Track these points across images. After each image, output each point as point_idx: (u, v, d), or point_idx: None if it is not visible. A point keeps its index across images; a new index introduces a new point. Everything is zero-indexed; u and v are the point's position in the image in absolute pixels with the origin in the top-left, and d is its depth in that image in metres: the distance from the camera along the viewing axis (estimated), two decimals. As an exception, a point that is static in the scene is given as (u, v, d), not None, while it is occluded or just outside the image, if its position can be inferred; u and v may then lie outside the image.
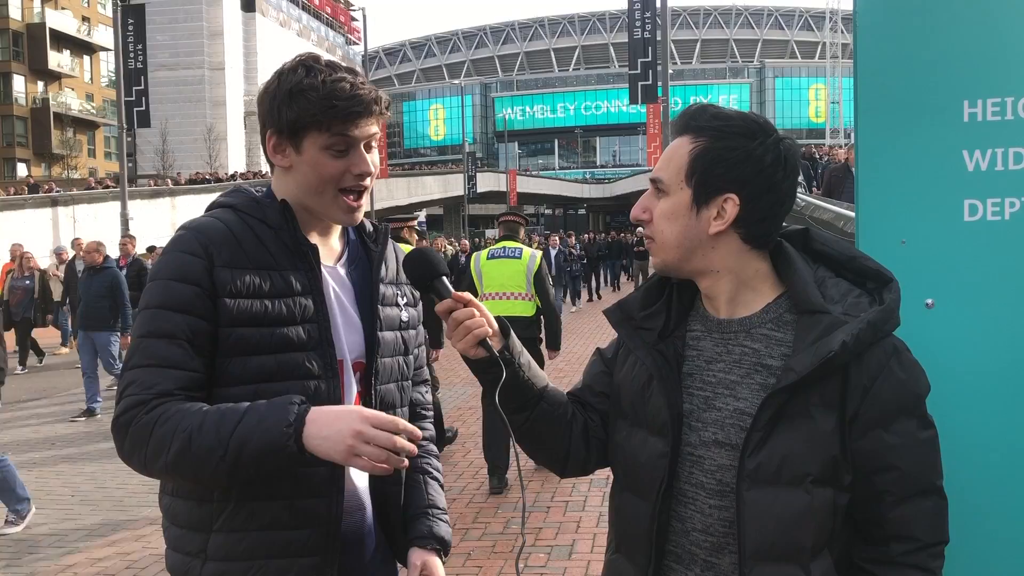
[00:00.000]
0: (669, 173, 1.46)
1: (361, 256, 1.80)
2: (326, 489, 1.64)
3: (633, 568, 1.51)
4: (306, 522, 1.62)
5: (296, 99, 1.61)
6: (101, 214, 25.14)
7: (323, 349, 1.65)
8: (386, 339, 1.77)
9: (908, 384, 1.40)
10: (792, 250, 1.48)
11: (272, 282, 1.62)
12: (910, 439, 1.38)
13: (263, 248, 1.64)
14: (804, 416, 1.36)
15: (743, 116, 1.46)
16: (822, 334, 1.36)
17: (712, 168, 1.42)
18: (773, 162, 1.42)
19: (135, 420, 1.53)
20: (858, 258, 1.49)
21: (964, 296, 1.68)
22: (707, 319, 1.51)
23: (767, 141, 1.43)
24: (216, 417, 1.50)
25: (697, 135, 1.45)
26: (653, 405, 1.49)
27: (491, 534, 5.40)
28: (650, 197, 1.49)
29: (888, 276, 1.46)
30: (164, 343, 1.56)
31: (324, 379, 1.64)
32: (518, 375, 1.53)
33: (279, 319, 1.61)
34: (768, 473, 1.36)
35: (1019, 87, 1.65)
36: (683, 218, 1.44)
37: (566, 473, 1.65)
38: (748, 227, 1.43)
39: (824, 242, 1.51)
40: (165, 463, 1.51)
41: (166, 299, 1.58)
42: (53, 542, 5.46)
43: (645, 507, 1.48)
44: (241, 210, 1.68)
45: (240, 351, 1.59)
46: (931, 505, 1.40)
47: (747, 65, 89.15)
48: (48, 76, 52.38)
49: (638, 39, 24.57)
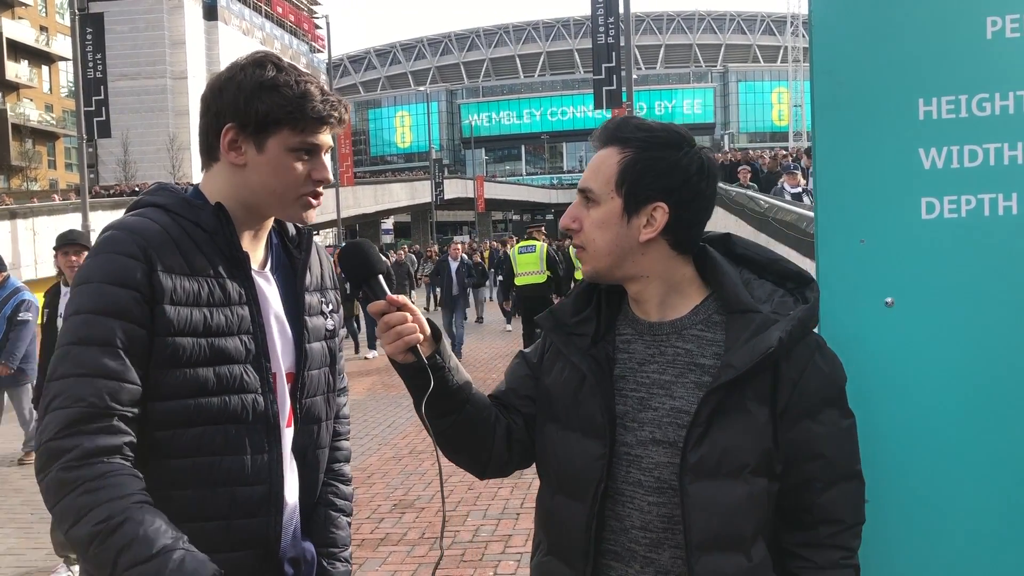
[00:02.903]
0: (599, 183, 1.50)
1: (284, 261, 1.73)
2: (263, 509, 1.58)
3: (569, 570, 1.53)
4: (242, 543, 1.56)
5: (269, 93, 1.54)
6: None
7: (259, 362, 1.58)
8: (314, 351, 1.71)
9: (831, 376, 1.49)
10: (717, 254, 1.55)
11: (210, 290, 1.54)
12: (834, 428, 1.48)
13: (199, 253, 1.55)
14: (741, 410, 1.43)
15: (666, 127, 1.52)
16: (756, 331, 1.44)
17: (641, 178, 1.47)
18: (698, 171, 1.48)
19: (66, 460, 1.39)
20: (778, 260, 1.57)
21: (923, 294, 1.68)
22: (637, 322, 1.56)
23: (691, 152, 1.49)
24: (127, 536, 1.35)
25: (624, 146, 1.49)
26: (586, 408, 1.52)
27: (460, 543, 5.37)
28: (579, 207, 1.53)
29: (808, 277, 1.54)
30: (97, 351, 1.44)
31: (261, 393, 1.58)
32: (446, 381, 1.54)
33: (217, 329, 1.54)
34: (709, 466, 1.42)
35: (973, 85, 1.66)
36: (614, 227, 1.49)
37: (486, 475, 1.69)
38: (676, 233, 1.49)
39: (746, 246, 1.59)
40: (67, 532, 1.39)
41: (100, 304, 1.45)
42: (11, 562, 5.33)
43: (581, 508, 1.51)
44: (173, 211, 1.57)
45: (176, 362, 1.50)
46: (853, 488, 1.50)
47: (710, 69, 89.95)
48: (6, 87, 51.45)
49: (602, 44, 24.69)
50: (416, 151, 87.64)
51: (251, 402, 1.56)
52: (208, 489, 1.54)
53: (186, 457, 1.52)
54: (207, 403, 1.52)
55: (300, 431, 1.69)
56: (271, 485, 1.58)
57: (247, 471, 1.56)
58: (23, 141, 50.92)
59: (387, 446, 8.18)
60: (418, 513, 6.02)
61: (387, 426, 9.12)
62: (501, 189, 68.69)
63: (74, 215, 24.55)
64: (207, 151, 1.62)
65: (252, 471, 1.57)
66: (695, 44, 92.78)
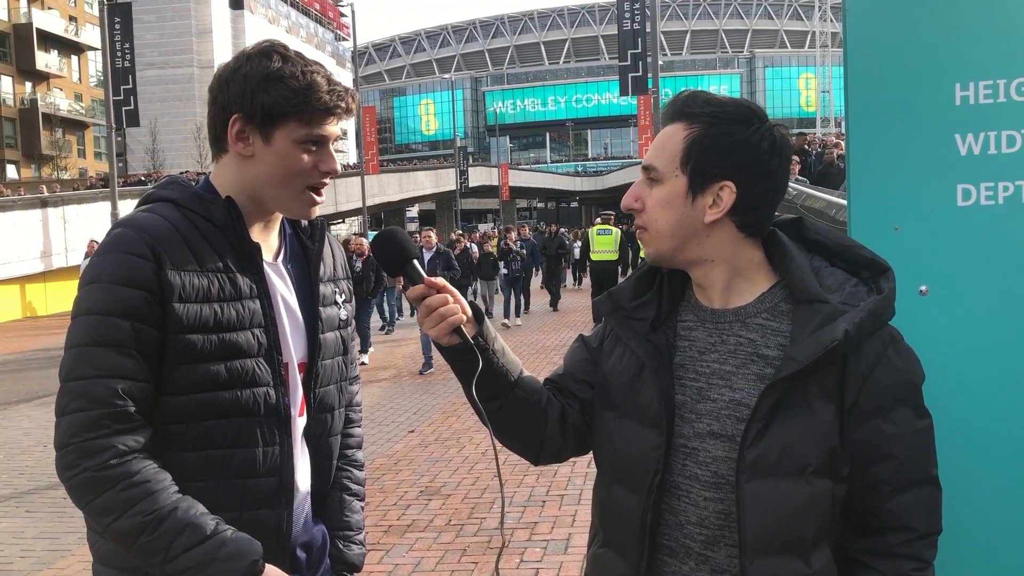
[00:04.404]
0: (663, 160, 1.42)
1: (298, 252, 1.74)
2: (274, 500, 1.60)
3: (624, 562, 1.47)
4: (254, 534, 1.56)
5: (274, 85, 1.54)
6: (92, 215, 25.03)
7: (271, 355, 1.59)
8: (327, 340, 1.72)
9: (905, 373, 1.38)
10: (786, 239, 1.46)
11: (220, 285, 1.54)
12: (907, 428, 1.37)
13: (209, 248, 1.55)
14: (803, 406, 1.34)
15: (736, 102, 1.43)
16: (823, 323, 1.35)
17: (708, 155, 1.39)
18: (769, 149, 1.40)
19: (101, 460, 1.43)
20: (853, 247, 1.47)
21: (958, 282, 1.66)
22: (700, 309, 1.48)
23: (761, 128, 1.40)
24: (180, 523, 1.44)
25: (691, 121, 1.41)
26: (644, 396, 1.45)
27: (487, 529, 5.38)
28: (642, 186, 1.46)
29: (884, 265, 1.43)
30: (112, 352, 1.45)
31: (273, 386, 1.59)
32: (492, 362, 1.51)
33: (228, 324, 1.54)
34: (768, 464, 1.34)
35: (1011, 69, 1.63)
36: (678, 206, 1.41)
37: (540, 461, 1.62)
38: (744, 215, 1.41)
39: (818, 231, 1.49)
40: (109, 525, 1.44)
41: (112, 305, 1.46)
42: (46, 545, 5.42)
43: (637, 500, 1.45)
44: (183, 205, 1.57)
45: (188, 358, 1.51)
46: (927, 495, 1.39)
47: (737, 55, 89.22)
48: (36, 76, 52.07)
49: (628, 31, 24.54)
50: (441, 139, 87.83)
51: (263, 395, 1.58)
52: (220, 481, 1.56)
53: (198, 450, 1.54)
54: (219, 397, 1.53)
55: (314, 420, 1.71)
56: (282, 476, 1.60)
57: (258, 463, 1.58)
58: (53, 130, 51.54)
59: (414, 433, 8.21)
60: (444, 500, 6.05)
61: (413, 413, 9.15)
62: (526, 177, 68.47)
63: (103, 203, 24.87)
64: (216, 142, 1.62)
65: (263, 463, 1.59)
66: (721, 30, 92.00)
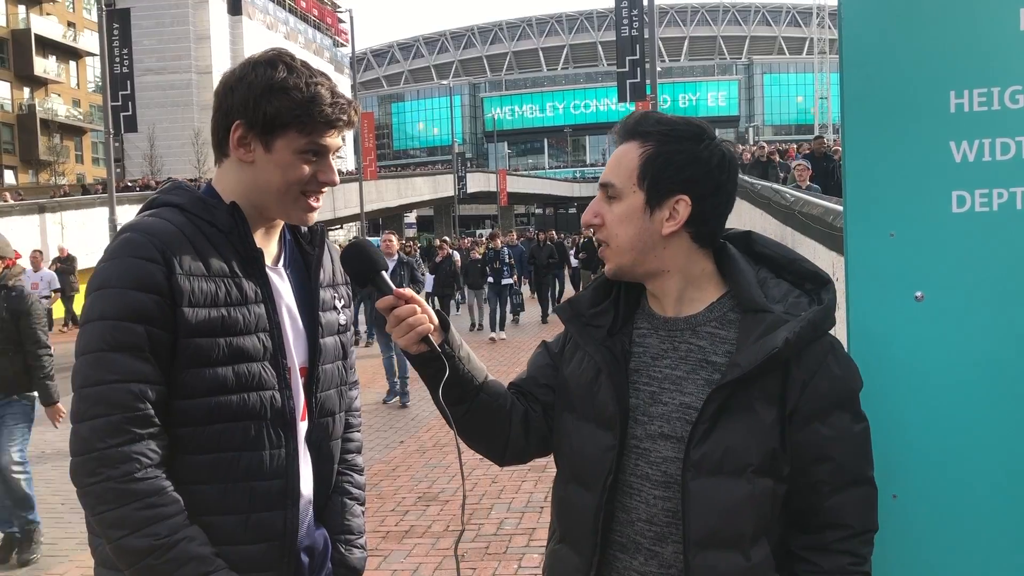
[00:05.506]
0: (621, 178, 1.51)
1: (298, 258, 1.76)
2: (280, 503, 1.62)
3: (578, 557, 1.55)
4: (260, 536, 1.59)
5: (278, 95, 1.56)
6: (89, 220, 25.00)
7: (276, 359, 1.61)
8: (327, 345, 1.75)
9: (844, 380, 1.48)
10: (735, 251, 1.55)
11: (227, 289, 1.57)
12: (845, 432, 1.46)
13: (215, 253, 1.57)
14: (747, 409, 1.43)
15: (687, 120, 1.53)
16: (765, 331, 1.44)
17: (663, 171, 1.48)
18: (719, 164, 1.49)
19: (125, 471, 1.45)
20: (797, 260, 1.56)
21: (954, 289, 1.67)
22: (653, 317, 1.57)
23: (711, 144, 1.50)
24: (187, 554, 1.48)
25: (645, 140, 1.50)
26: (600, 399, 1.53)
27: (484, 535, 5.38)
28: (600, 202, 1.54)
29: (825, 278, 1.53)
30: (128, 356, 1.47)
31: (279, 390, 1.61)
32: (458, 368, 1.58)
33: (235, 328, 1.56)
34: (712, 463, 1.43)
35: (1005, 77, 1.64)
36: (637, 220, 1.50)
37: (504, 462, 1.70)
38: (698, 226, 1.50)
39: (766, 244, 1.59)
40: (118, 540, 1.46)
41: (125, 309, 1.48)
42: (44, 551, 5.41)
43: (591, 498, 1.52)
44: (189, 211, 1.59)
45: (196, 362, 1.53)
46: (863, 494, 1.48)
47: (735, 62, 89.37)
48: (34, 82, 52.04)
49: (626, 37, 24.59)
50: (439, 145, 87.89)
51: (269, 399, 1.59)
52: (228, 484, 1.57)
53: (207, 453, 1.56)
54: (227, 401, 1.55)
55: (315, 424, 1.72)
56: (287, 479, 1.62)
57: (265, 466, 1.60)
58: (51, 136, 51.54)
59: (411, 439, 8.21)
60: (442, 506, 6.05)
61: (411, 419, 9.16)
62: (524, 183, 68.57)
63: (101, 209, 24.83)
64: (218, 146, 1.65)
65: (270, 466, 1.60)
66: (719, 36, 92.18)
